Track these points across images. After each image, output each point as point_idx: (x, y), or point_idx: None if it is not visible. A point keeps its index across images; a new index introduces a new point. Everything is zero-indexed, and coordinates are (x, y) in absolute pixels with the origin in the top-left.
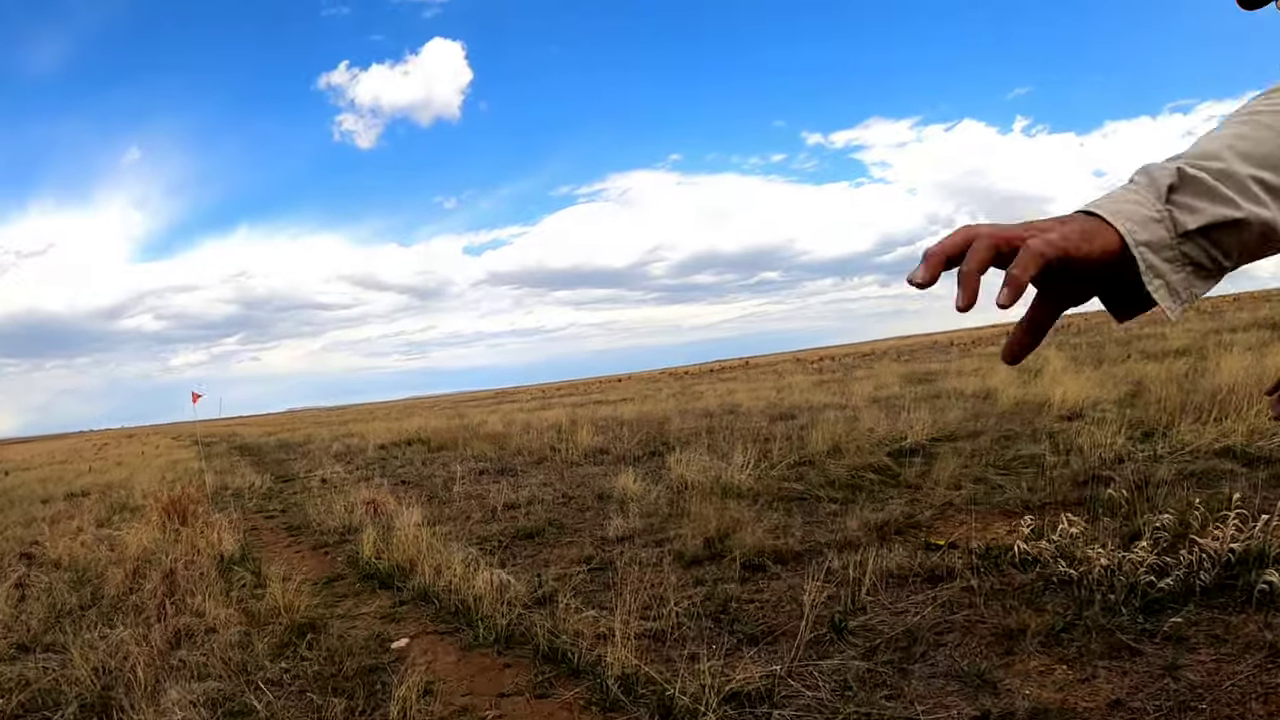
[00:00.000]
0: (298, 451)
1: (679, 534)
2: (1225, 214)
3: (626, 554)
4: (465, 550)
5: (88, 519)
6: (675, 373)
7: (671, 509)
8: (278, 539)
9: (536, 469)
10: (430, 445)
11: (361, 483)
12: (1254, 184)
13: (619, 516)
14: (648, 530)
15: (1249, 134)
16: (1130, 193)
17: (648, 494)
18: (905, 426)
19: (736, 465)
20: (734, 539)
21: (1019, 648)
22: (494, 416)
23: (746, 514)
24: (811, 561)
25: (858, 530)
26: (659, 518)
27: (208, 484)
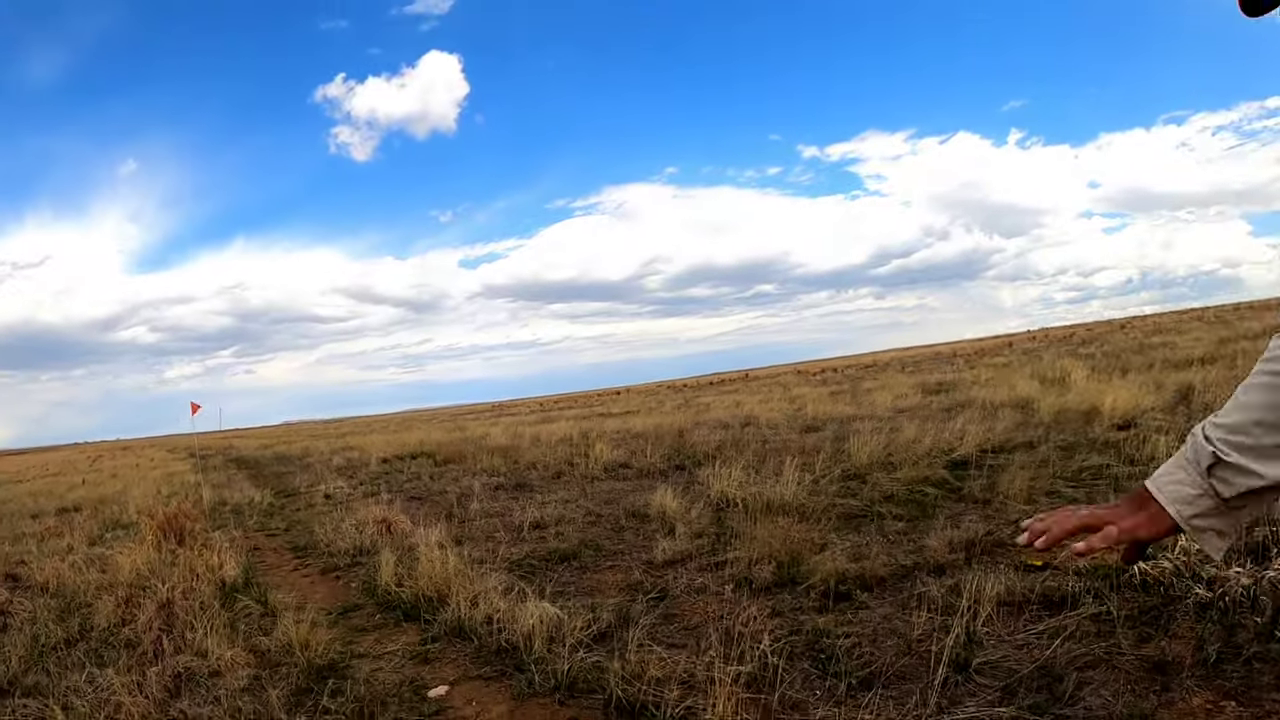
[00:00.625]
0: (297, 465)
1: (737, 557)
2: (1255, 484)
3: (682, 580)
4: (499, 576)
5: (79, 536)
6: (674, 385)
7: (719, 529)
8: (283, 561)
9: (555, 484)
10: (436, 459)
11: (368, 498)
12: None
13: (664, 537)
14: (699, 553)
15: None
16: (1179, 470)
17: (688, 512)
18: (952, 438)
19: (785, 480)
20: (805, 562)
21: (1175, 683)
22: (496, 429)
23: (807, 534)
24: (901, 587)
25: (941, 550)
26: (708, 539)
27: (205, 499)
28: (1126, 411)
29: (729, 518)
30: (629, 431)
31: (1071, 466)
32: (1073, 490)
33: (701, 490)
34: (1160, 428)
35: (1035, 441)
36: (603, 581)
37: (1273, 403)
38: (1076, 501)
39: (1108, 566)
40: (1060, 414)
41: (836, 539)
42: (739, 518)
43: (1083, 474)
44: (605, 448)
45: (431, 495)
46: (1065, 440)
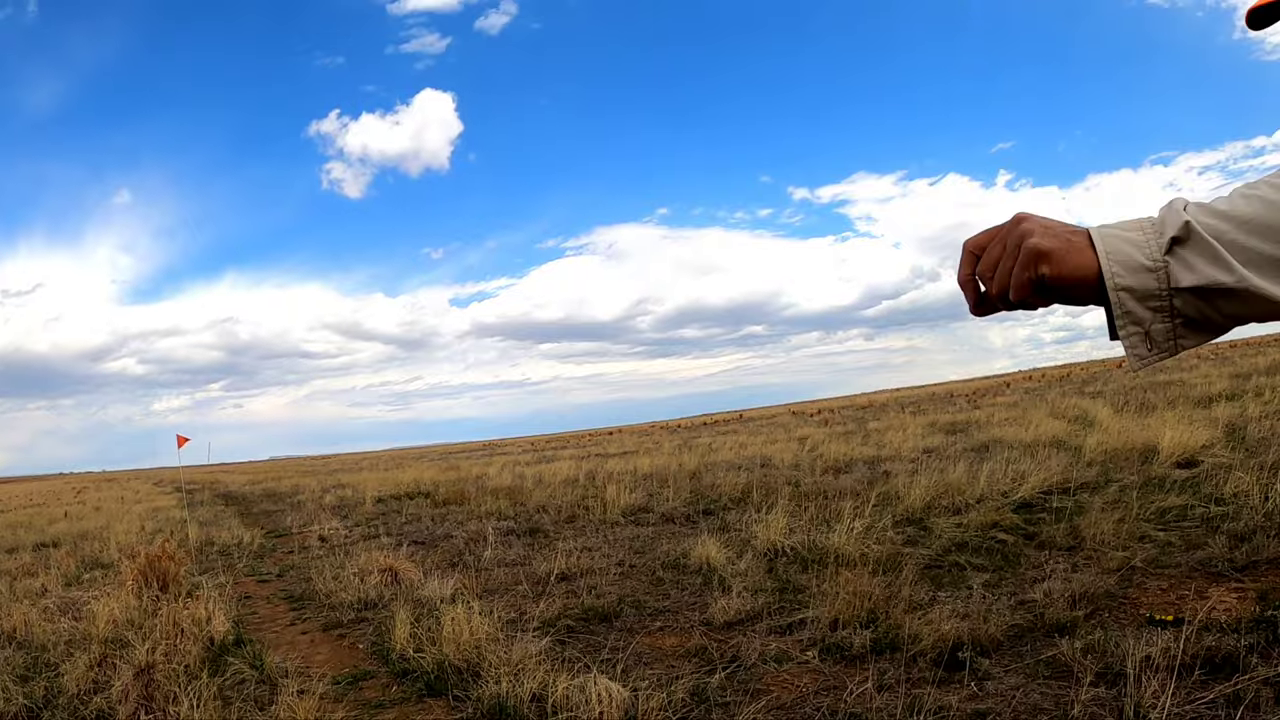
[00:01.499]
0: (286, 502)
1: (812, 617)
2: (1221, 280)
3: (754, 646)
4: (536, 640)
5: (54, 576)
6: (667, 426)
7: (778, 583)
8: (278, 613)
9: (570, 530)
10: (435, 499)
11: (366, 541)
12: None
13: (719, 593)
14: (766, 612)
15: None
16: (1136, 231)
17: (735, 563)
18: (1007, 480)
19: (841, 528)
20: (898, 623)
21: None
22: (492, 469)
23: (885, 589)
24: (1022, 651)
25: (1057, 605)
26: (768, 595)
27: (191, 538)
28: (1185, 449)
29: (783, 569)
30: (635, 473)
31: (1150, 508)
32: (1163, 533)
33: (740, 537)
34: (1226, 465)
35: (1096, 482)
36: (658, 647)
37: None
38: (1170, 545)
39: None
40: (1111, 453)
41: (922, 594)
42: (794, 570)
43: (1166, 515)
44: (618, 490)
45: (436, 540)
46: (1129, 480)
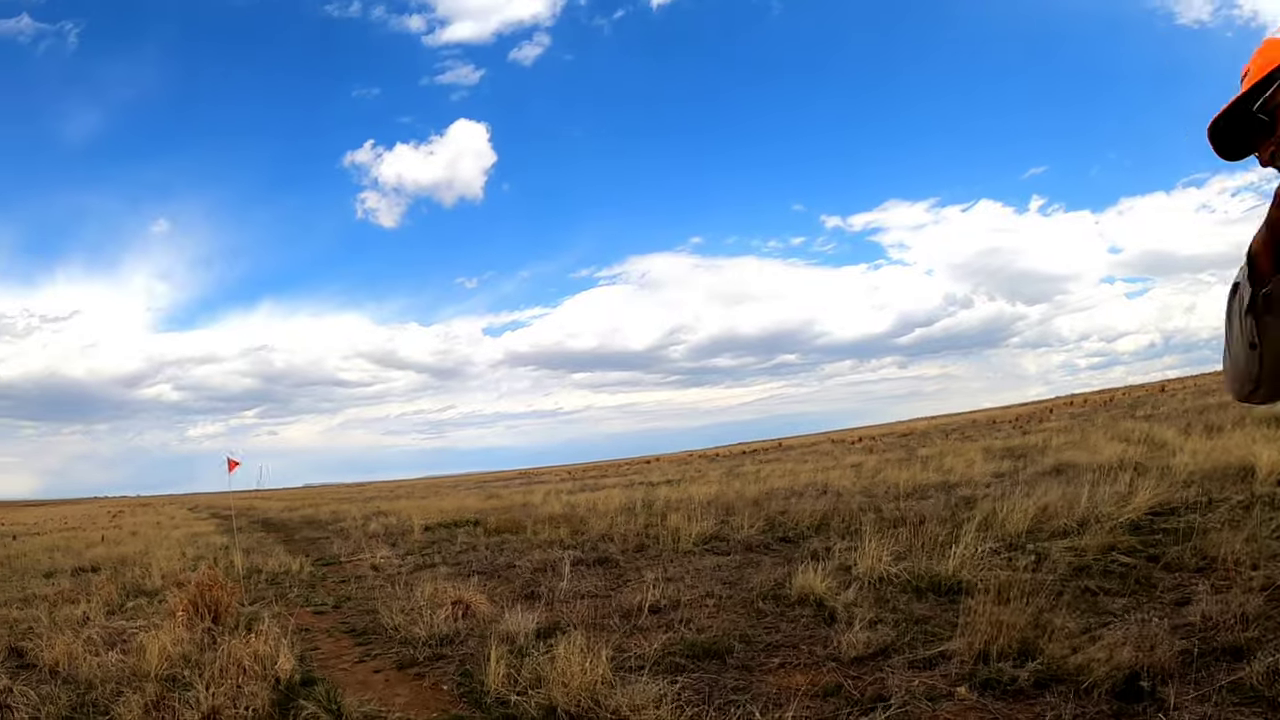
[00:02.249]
0: (329, 529)
1: (951, 649)
2: None
3: (897, 681)
4: (649, 680)
5: (96, 604)
6: (705, 454)
7: (895, 613)
8: (342, 649)
9: (641, 559)
10: (486, 528)
11: (421, 570)
12: None
13: (840, 626)
14: (896, 645)
15: None
16: None
17: (841, 592)
18: (1108, 502)
19: (951, 554)
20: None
21: None
22: (535, 497)
23: (1025, 617)
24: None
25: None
26: (890, 625)
27: (237, 565)
28: None
29: (895, 599)
30: (691, 501)
31: (1271, 525)
32: None
33: (836, 565)
34: None
35: (1199, 502)
36: (786, 686)
37: None
38: None
39: None
40: (1204, 473)
41: (1069, 622)
42: (906, 599)
43: None
44: (684, 519)
45: (498, 570)
46: (1237, 499)
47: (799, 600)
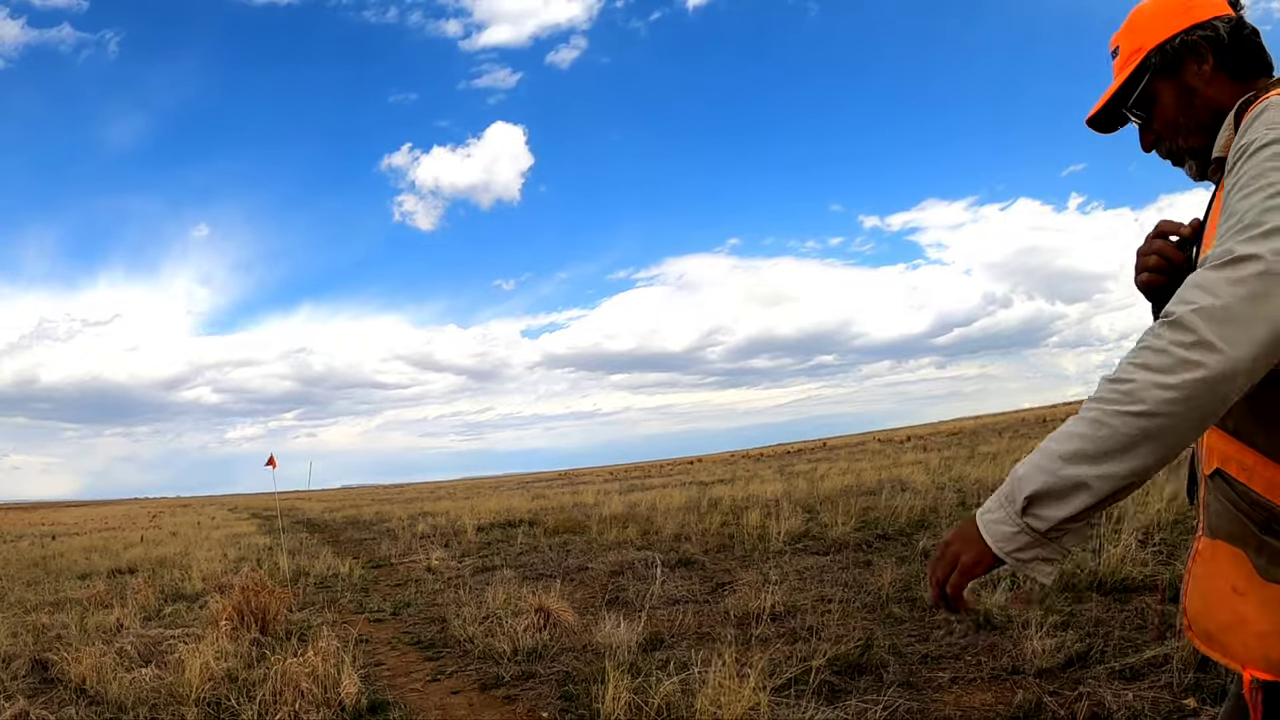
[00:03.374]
0: (374, 530)
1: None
2: (1067, 513)
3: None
4: (815, 706)
5: (131, 609)
6: (748, 454)
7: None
8: (409, 664)
9: (726, 560)
10: (546, 528)
11: (481, 574)
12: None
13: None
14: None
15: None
16: (999, 508)
17: (982, 596)
18: None
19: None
20: None
21: None
22: (585, 496)
23: None
24: None
25: None
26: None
27: (283, 568)
28: None
29: (1050, 598)
30: (757, 499)
31: None
32: None
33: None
34: None
35: None
36: (969, 705)
37: (1086, 435)
38: None
39: None
40: None
41: None
42: (1065, 598)
43: None
44: (764, 516)
45: (570, 573)
46: None
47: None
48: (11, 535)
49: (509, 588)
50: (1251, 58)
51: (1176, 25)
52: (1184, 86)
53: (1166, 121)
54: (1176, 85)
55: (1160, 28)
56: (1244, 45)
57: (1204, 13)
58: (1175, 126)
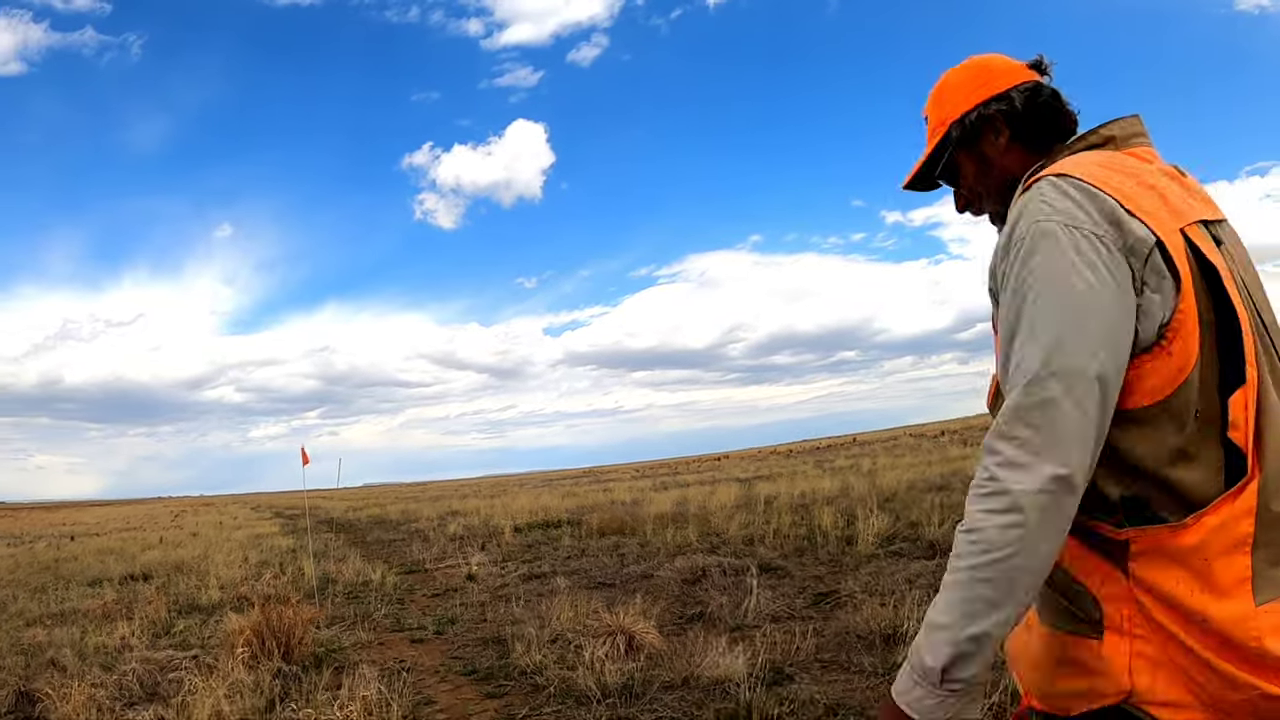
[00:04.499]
0: (402, 531)
1: None
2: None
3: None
4: None
5: (139, 624)
6: (777, 450)
7: None
8: (464, 701)
9: (812, 564)
10: (590, 529)
11: (532, 581)
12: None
13: None
14: None
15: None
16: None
17: None
18: None
19: None
20: None
21: None
22: (620, 494)
23: None
24: None
25: None
26: None
27: (308, 575)
28: None
29: None
30: (814, 495)
31: None
32: None
33: None
34: None
35: None
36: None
37: (968, 598)
38: None
39: None
40: None
41: None
42: None
43: None
44: (835, 514)
45: (631, 581)
46: None
47: None
48: (30, 536)
49: (571, 601)
50: (1048, 124)
51: (975, 99)
52: (982, 157)
53: (970, 189)
54: (975, 156)
55: (960, 101)
56: (1040, 113)
57: (1003, 83)
58: (978, 194)
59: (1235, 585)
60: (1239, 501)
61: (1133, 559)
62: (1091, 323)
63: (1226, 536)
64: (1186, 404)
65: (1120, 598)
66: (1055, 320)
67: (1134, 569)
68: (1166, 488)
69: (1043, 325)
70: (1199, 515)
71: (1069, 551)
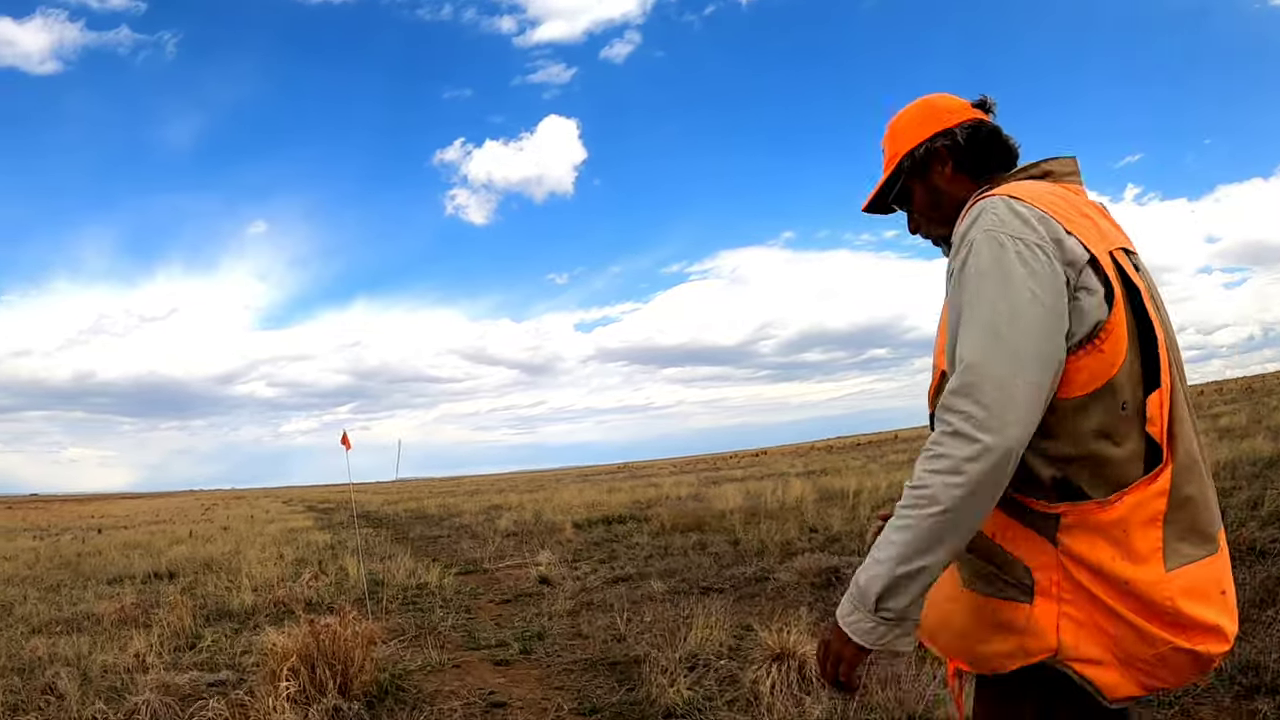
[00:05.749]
0: (446, 527)
1: None
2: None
3: None
4: None
5: (161, 634)
6: (815, 446)
7: None
8: None
9: None
10: (663, 525)
11: (619, 584)
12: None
13: None
14: None
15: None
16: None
17: None
18: None
19: None
20: None
21: None
22: (665, 489)
23: None
24: None
25: None
26: None
27: (352, 576)
28: None
29: None
30: (899, 491)
31: None
32: None
33: None
34: None
35: None
36: None
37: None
38: None
39: None
40: None
41: None
42: None
43: None
44: None
45: (743, 584)
46: None
47: None
48: (56, 528)
49: (681, 610)
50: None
51: (924, 134)
52: (931, 185)
53: (921, 213)
54: (925, 184)
55: (911, 136)
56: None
57: (949, 120)
58: (928, 218)
59: (1150, 554)
60: (1154, 484)
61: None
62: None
63: (1143, 512)
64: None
65: (1050, 566)
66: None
67: (1062, 539)
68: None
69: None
70: (1121, 494)
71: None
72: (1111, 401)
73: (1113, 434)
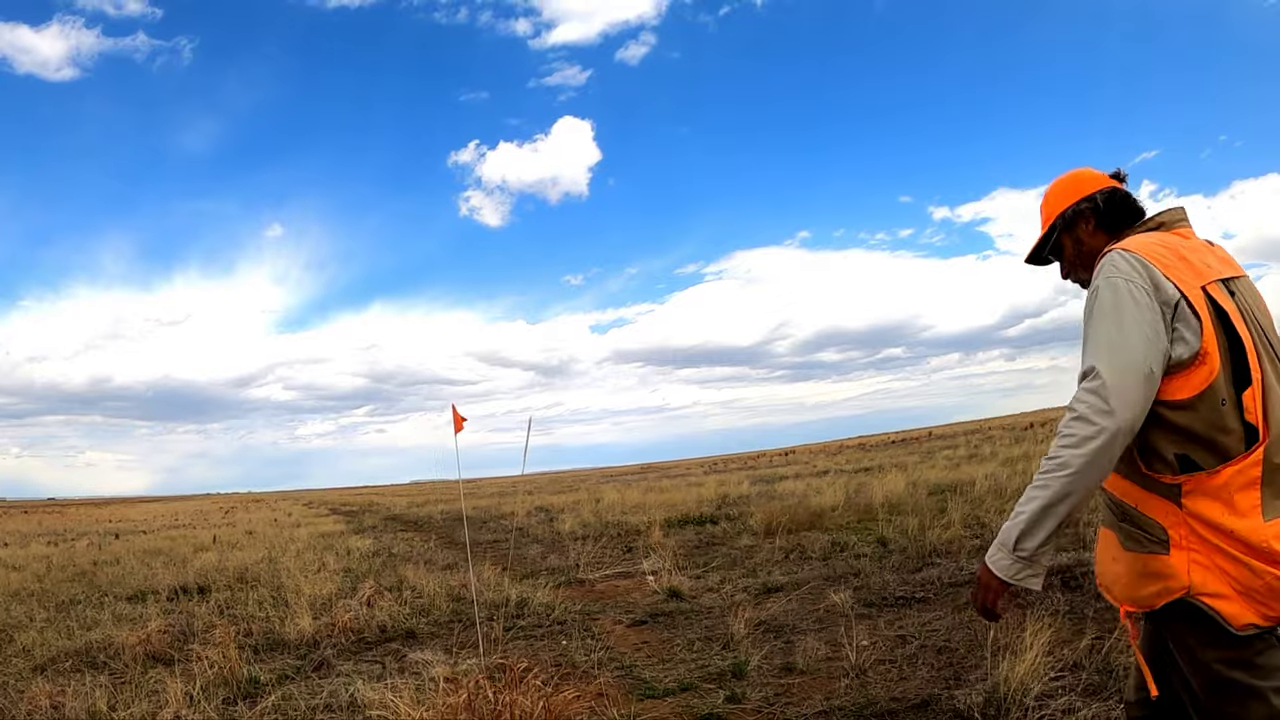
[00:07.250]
0: (493, 529)
1: None
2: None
3: None
4: None
5: (203, 679)
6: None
7: None
8: None
9: None
10: (775, 524)
11: (768, 597)
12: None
13: None
14: None
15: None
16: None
17: None
18: None
19: None
20: None
21: None
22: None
23: None
24: None
25: None
26: None
27: (430, 593)
28: None
29: None
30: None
31: None
32: None
33: None
34: None
35: None
36: None
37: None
38: None
39: None
40: None
41: None
42: None
43: None
44: None
45: (935, 590)
46: None
47: None
48: (73, 533)
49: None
50: (1122, 215)
51: (1071, 199)
52: (1077, 239)
53: (1070, 262)
54: (1073, 239)
55: (1063, 200)
56: (1116, 208)
57: (1091, 188)
58: (1075, 266)
59: (1250, 509)
60: (1250, 457)
61: (1184, 496)
62: (1136, 336)
63: (1242, 478)
64: (1216, 396)
65: (1178, 524)
66: (1114, 333)
67: (1185, 503)
68: (1206, 447)
69: (1107, 336)
70: (1226, 465)
71: (1143, 499)
72: (1213, 399)
73: (1217, 422)
